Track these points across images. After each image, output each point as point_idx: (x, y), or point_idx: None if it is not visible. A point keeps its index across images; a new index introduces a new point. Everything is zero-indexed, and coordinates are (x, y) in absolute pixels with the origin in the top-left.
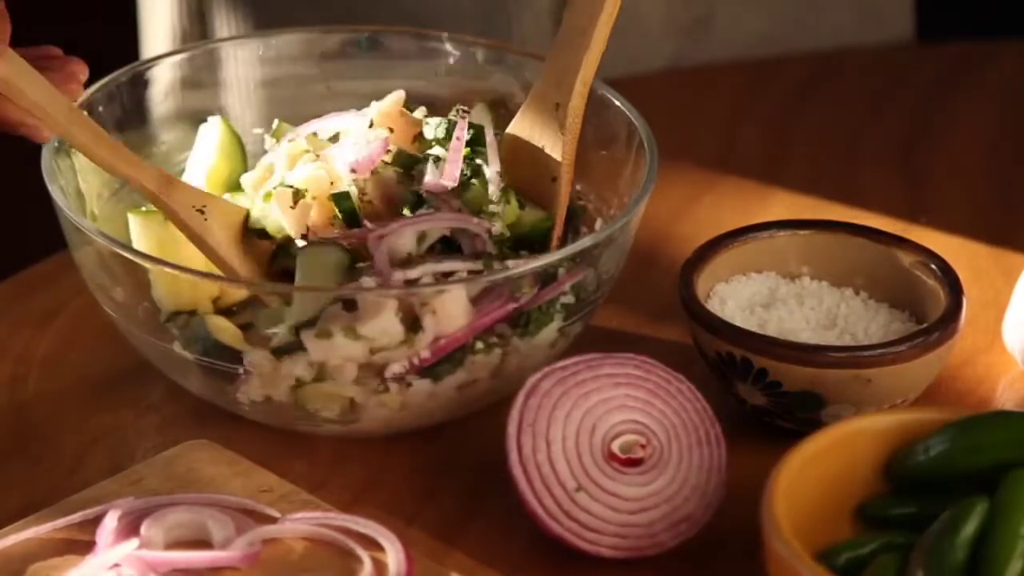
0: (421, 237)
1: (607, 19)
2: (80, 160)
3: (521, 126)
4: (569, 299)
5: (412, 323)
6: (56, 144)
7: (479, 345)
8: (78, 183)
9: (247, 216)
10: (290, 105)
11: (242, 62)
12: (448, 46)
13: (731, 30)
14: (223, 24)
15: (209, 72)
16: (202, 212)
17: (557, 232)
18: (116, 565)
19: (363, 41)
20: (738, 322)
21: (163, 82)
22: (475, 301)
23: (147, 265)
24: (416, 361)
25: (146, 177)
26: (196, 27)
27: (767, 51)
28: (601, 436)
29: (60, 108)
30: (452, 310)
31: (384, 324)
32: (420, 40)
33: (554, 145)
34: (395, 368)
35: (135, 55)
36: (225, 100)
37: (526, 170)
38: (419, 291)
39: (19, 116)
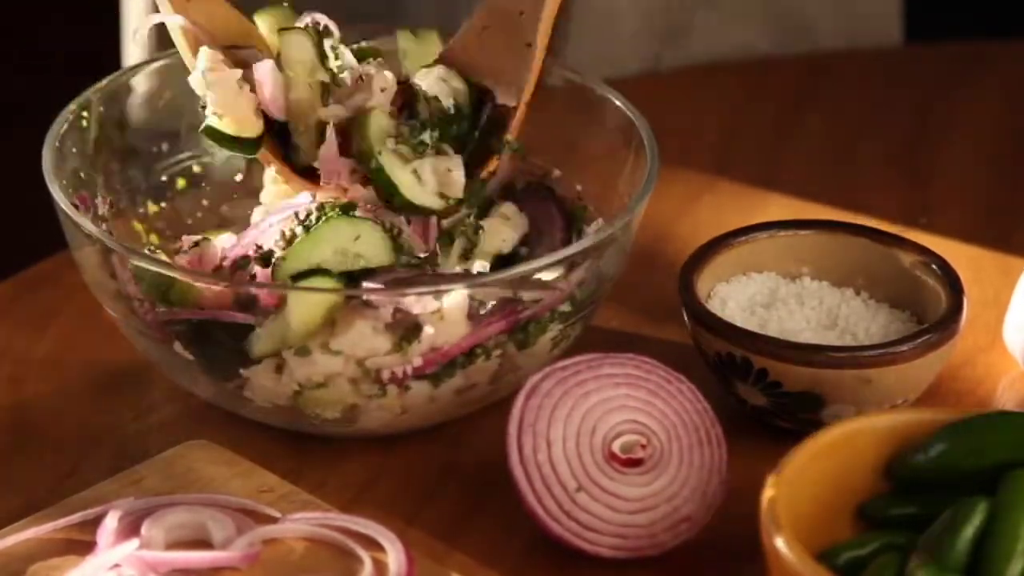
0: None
1: None
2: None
3: None
4: (566, 307)
5: (406, 332)
6: (57, 144)
7: (477, 351)
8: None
9: None
10: None
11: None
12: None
13: (712, 38)
14: None
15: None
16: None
17: (525, 98)
18: (116, 565)
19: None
20: (738, 322)
21: (148, 86)
22: (474, 309)
23: (148, 265)
24: (409, 370)
25: None
26: None
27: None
28: (601, 436)
29: None
30: (449, 318)
31: (357, 337)
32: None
33: (531, 11)
34: (386, 374)
35: (117, 49)
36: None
37: (497, 39)
38: (417, 295)
39: None
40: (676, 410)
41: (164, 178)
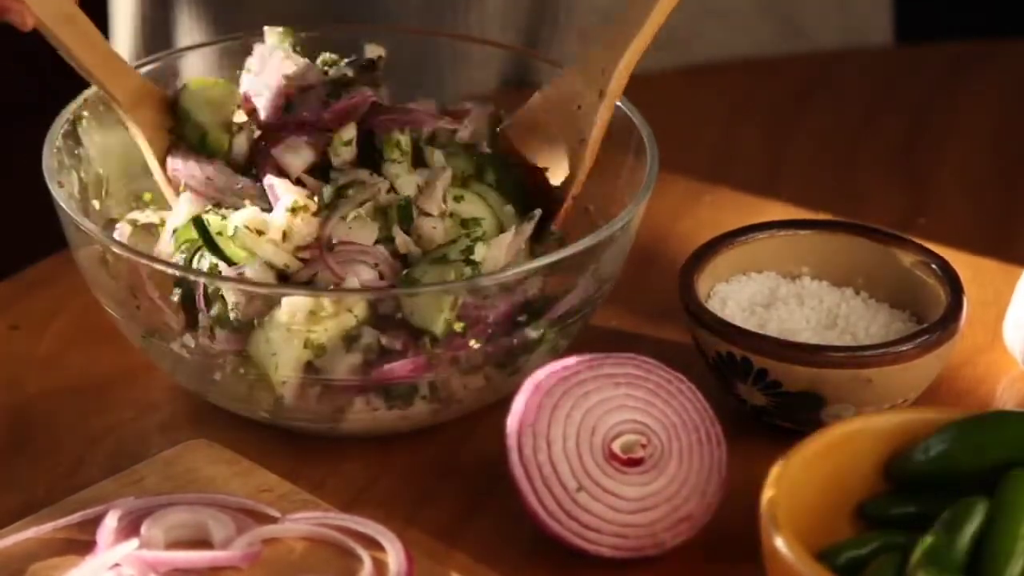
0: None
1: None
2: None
3: (559, 84)
4: (566, 308)
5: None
6: (57, 144)
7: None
8: (97, 171)
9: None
10: None
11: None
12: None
13: (716, 47)
14: (183, 11)
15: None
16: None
17: (574, 192)
18: (116, 565)
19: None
20: (738, 322)
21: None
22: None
23: (152, 264)
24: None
25: (119, 90)
26: (159, 13)
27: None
28: (602, 436)
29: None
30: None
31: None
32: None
33: (589, 109)
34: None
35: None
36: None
37: (555, 125)
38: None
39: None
40: (676, 410)
41: None
